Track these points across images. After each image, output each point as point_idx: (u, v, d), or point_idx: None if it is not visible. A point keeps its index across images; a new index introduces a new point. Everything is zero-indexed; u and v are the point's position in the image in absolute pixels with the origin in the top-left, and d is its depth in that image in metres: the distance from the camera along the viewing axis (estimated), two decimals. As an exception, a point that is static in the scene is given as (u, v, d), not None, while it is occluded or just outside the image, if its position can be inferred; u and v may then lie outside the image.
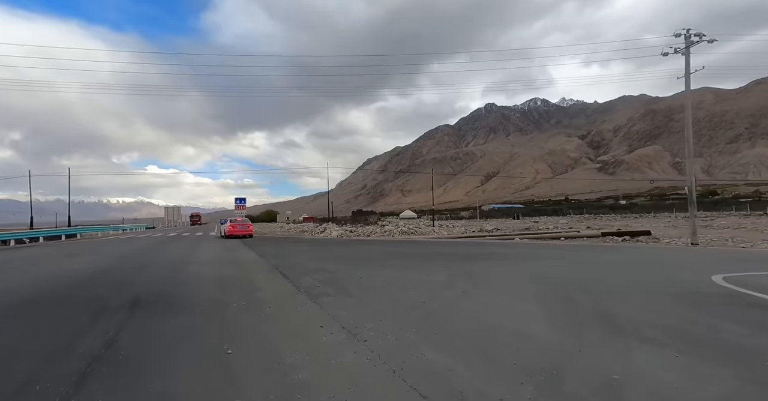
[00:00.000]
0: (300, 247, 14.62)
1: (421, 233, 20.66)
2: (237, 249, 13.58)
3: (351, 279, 6.55)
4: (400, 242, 17.04)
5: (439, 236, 19.46)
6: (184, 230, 37.65)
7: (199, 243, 17.11)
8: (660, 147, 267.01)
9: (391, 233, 20.88)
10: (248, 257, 10.84)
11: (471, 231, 22.35)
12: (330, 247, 14.35)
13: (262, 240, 18.99)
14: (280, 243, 17.08)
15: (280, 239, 20.87)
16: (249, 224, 21.58)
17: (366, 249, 13.03)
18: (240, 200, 30.34)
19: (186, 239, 21.00)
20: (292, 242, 18.08)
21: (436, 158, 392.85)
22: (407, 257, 10.45)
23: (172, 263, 9.57)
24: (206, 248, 14.67)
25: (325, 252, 12.28)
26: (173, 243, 17.46)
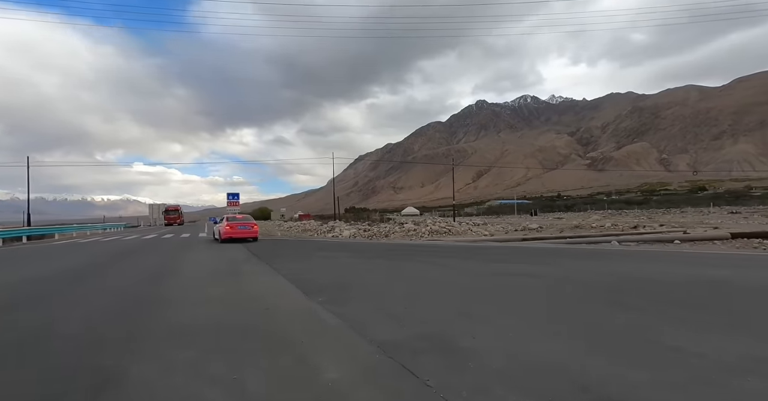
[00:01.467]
0: (341, 259, 8.88)
1: (456, 232, 16.91)
2: (246, 267, 7.79)
3: None
4: (451, 247, 11.35)
5: (486, 237, 15.41)
6: (168, 230, 32.35)
7: (184, 252, 11.41)
8: (647, 144, 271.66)
9: (417, 233, 16.64)
10: (279, 292, 5.13)
11: (514, 230, 18.77)
12: (396, 260, 8.58)
13: (271, 245, 13.52)
14: (302, 250, 11.28)
15: (291, 242, 15.15)
16: (252, 222, 15.78)
17: (452, 266, 7.40)
18: (232, 196, 28.31)
19: (166, 243, 15.67)
20: (313, 247, 12.39)
21: (428, 155, 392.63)
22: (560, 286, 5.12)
23: (115, 314, 4.11)
24: (194, 262, 8.95)
25: (404, 271, 6.90)
26: (146, 251, 12.00)
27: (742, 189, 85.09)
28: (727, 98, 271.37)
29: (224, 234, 14.70)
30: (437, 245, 12.44)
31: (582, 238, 14.15)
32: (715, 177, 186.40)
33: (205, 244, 14.60)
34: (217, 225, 16.65)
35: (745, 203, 49.64)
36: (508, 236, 15.91)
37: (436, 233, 16.56)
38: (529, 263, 7.65)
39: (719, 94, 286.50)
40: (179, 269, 7.79)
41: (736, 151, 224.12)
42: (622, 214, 40.87)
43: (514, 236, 15.29)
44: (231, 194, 27.95)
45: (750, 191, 78.64)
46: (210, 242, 15.31)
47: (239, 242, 14.76)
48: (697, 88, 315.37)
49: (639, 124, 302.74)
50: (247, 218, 16.51)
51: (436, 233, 16.47)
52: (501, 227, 20.67)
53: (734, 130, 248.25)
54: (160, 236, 20.69)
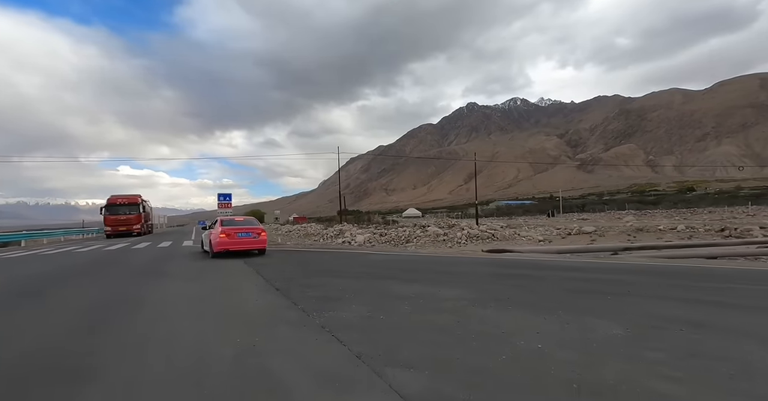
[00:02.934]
0: (444, 302, 4.45)
1: (501, 237, 13.87)
2: (278, 346, 3.09)
3: None
4: (560, 266, 7.38)
5: (558, 245, 12.19)
6: (147, 236, 25.08)
7: (148, 281, 6.80)
8: (634, 145, 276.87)
9: (451, 239, 13.41)
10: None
11: (567, 233, 15.83)
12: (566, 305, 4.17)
13: (289, 262, 9.27)
14: (347, 276, 6.91)
15: (313, 256, 10.66)
16: (258, 227, 10.90)
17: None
18: (224, 197, 26.20)
19: (133, 257, 11.11)
20: (355, 265, 8.33)
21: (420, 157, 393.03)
22: None
23: None
24: (154, 316, 4.23)
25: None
26: (88, 276, 7.66)
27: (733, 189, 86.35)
28: (710, 101, 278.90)
29: (218, 245, 9.88)
30: (524, 261, 8.16)
31: (703, 247, 10.33)
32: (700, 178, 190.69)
33: (189, 261, 9.87)
34: (207, 232, 11.63)
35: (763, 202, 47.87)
36: (598, 244, 11.76)
37: (475, 238, 13.51)
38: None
39: (702, 97, 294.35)
40: (106, 356, 2.98)
41: (719, 152, 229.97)
42: (652, 215, 36.18)
43: (608, 245, 10.93)
44: (222, 195, 25.84)
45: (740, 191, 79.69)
46: (196, 257, 10.67)
47: (239, 255, 10.16)
48: (681, 92, 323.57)
49: (626, 126, 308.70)
50: (250, 221, 11.34)
51: (474, 239, 13.46)
52: (543, 229, 17.25)
53: (717, 132, 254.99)
54: (131, 246, 15.61)
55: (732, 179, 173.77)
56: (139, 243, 17.91)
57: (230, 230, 10.14)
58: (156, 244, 17.25)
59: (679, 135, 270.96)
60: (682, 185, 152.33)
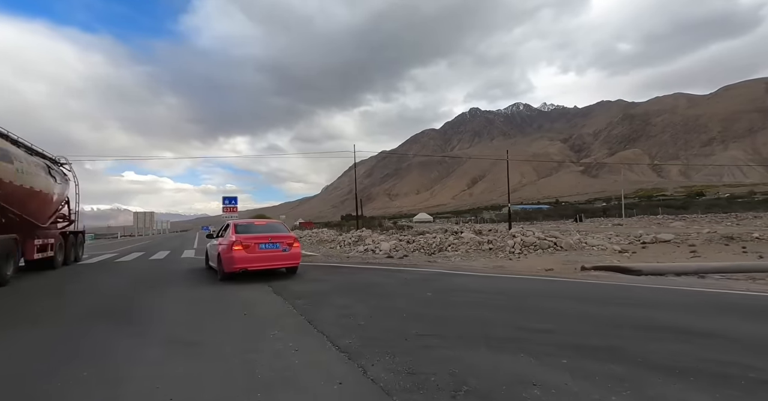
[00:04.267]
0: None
1: (566, 246, 11.34)
2: None
3: None
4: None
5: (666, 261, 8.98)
6: (145, 243, 23.77)
7: (105, 337, 3.66)
8: (639, 150, 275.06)
9: (501, 247, 11.42)
10: None
11: (640, 241, 13.32)
12: None
13: (342, 290, 5.96)
14: (463, 323, 3.95)
15: (356, 274, 7.90)
16: (288, 235, 7.66)
17: None
18: (229, 200, 25.23)
19: (111, 275, 8.68)
20: (416, 291, 5.84)
21: (423, 162, 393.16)
22: None
23: None
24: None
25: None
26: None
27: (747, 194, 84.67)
28: (715, 106, 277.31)
29: (231, 262, 6.81)
30: (696, 296, 5.21)
31: None
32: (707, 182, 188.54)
33: (186, 287, 6.67)
34: (214, 241, 8.25)
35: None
36: (703, 257, 9.24)
37: (532, 247, 11.25)
38: None
39: (707, 101, 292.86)
40: None
41: (726, 157, 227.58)
42: (693, 219, 32.54)
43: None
44: (227, 198, 24.83)
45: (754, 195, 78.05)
46: (197, 278, 7.63)
47: (261, 276, 7.31)
48: (685, 96, 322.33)
49: (630, 131, 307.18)
50: (274, 226, 8.14)
51: (532, 248, 11.19)
52: (602, 236, 14.61)
53: (724, 136, 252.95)
54: (116, 258, 12.88)
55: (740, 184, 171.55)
56: (129, 254, 14.99)
57: (249, 240, 6.78)
58: (149, 254, 14.34)
59: (685, 140, 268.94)
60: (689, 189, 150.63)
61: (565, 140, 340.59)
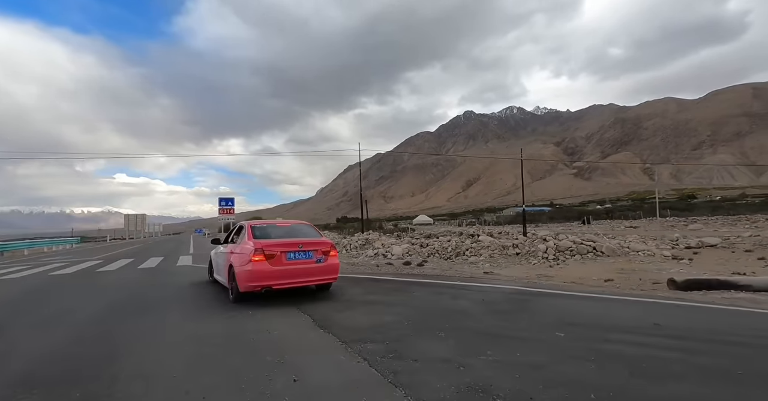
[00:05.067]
0: None
1: (609, 251, 10.17)
2: None
3: None
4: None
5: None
6: (130, 250, 20.17)
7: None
8: (631, 153, 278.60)
9: (530, 252, 10.36)
10: None
11: (683, 246, 12.20)
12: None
13: (384, 303, 5.02)
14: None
15: (410, 291, 5.83)
16: (322, 240, 5.55)
17: None
18: (225, 202, 25.00)
19: (86, 295, 6.34)
20: (506, 319, 4.05)
21: (418, 165, 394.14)
22: None
23: None
24: None
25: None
26: None
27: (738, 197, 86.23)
28: (704, 110, 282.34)
29: (251, 277, 4.98)
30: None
31: None
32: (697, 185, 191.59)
33: (186, 320, 4.42)
34: (222, 249, 6.54)
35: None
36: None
37: (567, 252, 10.09)
38: None
39: (696, 106, 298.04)
40: None
41: (715, 161, 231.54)
42: (706, 222, 30.89)
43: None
44: (224, 200, 24.63)
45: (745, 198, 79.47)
46: (202, 298, 5.79)
47: (287, 295, 5.57)
48: (675, 101, 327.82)
49: (622, 134, 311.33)
50: (302, 230, 6.07)
51: (568, 254, 10.01)
52: (635, 236, 13.46)
53: (713, 140, 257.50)
54: (99, 267, 10.82)
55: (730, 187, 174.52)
56: (116, 261, 12.70)
57: (274, 247, 4.97)
58: (139, 261, 12.10)
59: (675, 143, 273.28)
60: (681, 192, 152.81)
61: (558, 143, 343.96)
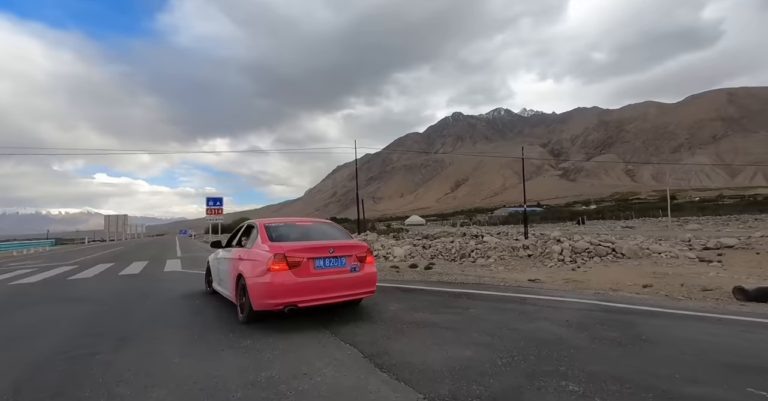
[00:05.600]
0: None
1: (630, 253, 9.64)
2: None
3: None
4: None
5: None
6: (117, 250, 20.75)
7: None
8: (614, 155, 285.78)
9: (543, 254, 9.83)
10: None
11: (700, 246, 11.21)
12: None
13: (435, 326, 3.71)
14: None
15: (468, 308, 4.49)
16: (355, 243, 4.21)
17: None
18: (213, 201, 23.81)
19: (46, 316, 4.68)
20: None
21: (407, 165, 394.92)
22: None
23: None
24: None
25: None
26: None
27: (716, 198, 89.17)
28: (682, 114, 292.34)
29: (270, 292, 3.60)
30: None
31: None
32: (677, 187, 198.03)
33: (184, 354, 3.05)
34: (224, 254, 5.11)
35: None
36: None
37: (584, 253, 9.85)
38: None
39: (675, 110, 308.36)
40: None
41: (693, 163, 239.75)
42: (698, 220, 31.16)
43: None
44: (212, 199, 23.43)
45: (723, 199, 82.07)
46: (203, 325, 4.00)
47: (312, 313, 4.26)
48: (655, 104, 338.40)
49: (605, 136, 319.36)
50: (324, 228, 4.72)
51: (586, 256, 9.80)
52: (641, 237, 12.73)
53: (690, 143, 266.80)
54: (72, 274, 9.25)
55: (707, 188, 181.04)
56: (93, 265, 11.22)
57: (299, 252, 3.79)
58: (121, 266, 10.58)
59: (655, 146, 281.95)
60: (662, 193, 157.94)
61: (545, 144, 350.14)
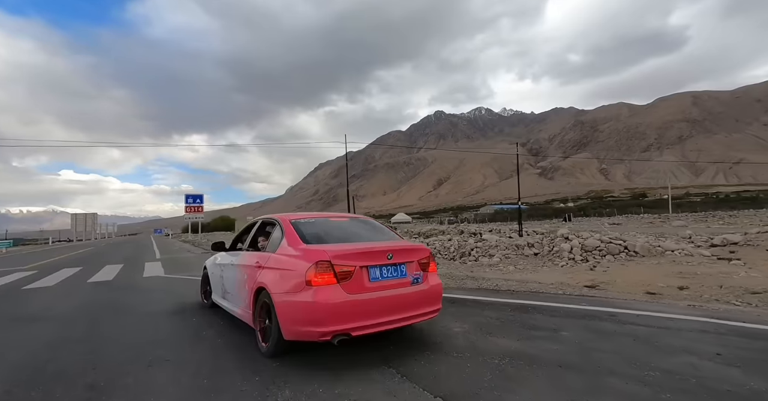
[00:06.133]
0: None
1: (644, 251, 9.19)
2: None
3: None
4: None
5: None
6: (85, 251, 18.68)
7: None
8: (589, 154, 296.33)
9: (551, 253, 9.49)
10: None
11: (707, 243, 10.64)
12: None
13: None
14: None
15: (531, 324, 3.78)
16: (414, 246, 3.07)
17: None
18: (193, 199, 22.24)
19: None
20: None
21: (389, 164, 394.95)
22: None
23: None
24: None
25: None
26: None
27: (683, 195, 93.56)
28: (652, 115, 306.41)
29: (318, 316, 2.53)
30: None
31: None
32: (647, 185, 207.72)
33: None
34: (231, 260, 3.85)
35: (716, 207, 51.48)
36: None
37: (595, 252, 9.60)
38: None
39: (645, 111, 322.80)
40: None
41: (662, 162, 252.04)
42: (678, 217, 30.92)
43: None
44: (191, 197, 21.89)
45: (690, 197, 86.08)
46: (209, 360, 2.86)
47: (362, 342, 3.06)
48: (627, 105, 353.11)
49: (581, 136, 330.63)
50: (366, 227, 3.54)
51: (597, 253, 9.60)
52: (653, 236, 11.28)
53: (659, 143, 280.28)
54: (28, 284, 7.58)
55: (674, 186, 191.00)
56: (56, 270, 9.54)
57: (349, 258, 2.70)
58: (90, 271, 8.96)
59: (627, 145, 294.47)
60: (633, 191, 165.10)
61: (524, 144, 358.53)
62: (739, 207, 49.34)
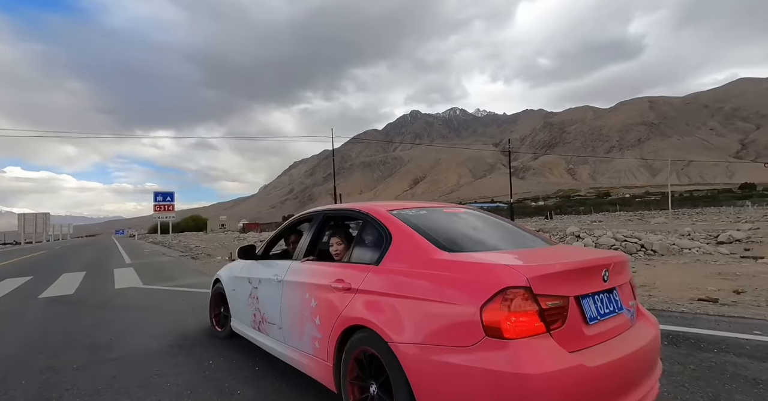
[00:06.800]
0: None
1: (662, 250, 8.44)
2: None
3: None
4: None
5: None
6: (36, 256, 15.16)
7: None
8: (557, 155, 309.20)
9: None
10: None
11: (714, 240, 9.98)
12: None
13: None
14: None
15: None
16: (612, 254, 1.61)
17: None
18: (163, 196, 20.11)
19: None
20: None
21: (365, 162, 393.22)
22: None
23: None
24: None
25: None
26: None
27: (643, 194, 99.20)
28: (613, 118, 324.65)
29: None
30: None
31: None
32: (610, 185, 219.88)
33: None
34: (259, 272, 2.49)
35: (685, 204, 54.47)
36: None
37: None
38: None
39: (608, 114, 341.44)
40: None
41: (623, 163, 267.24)
42: (652, 214, 32.49)
43: None
44: (161, 194, 19.83)
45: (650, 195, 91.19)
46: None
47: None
48: (591, 108, 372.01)
49: (550, 137, 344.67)
50: (491, 223, 2.07)
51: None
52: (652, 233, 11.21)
53: (621, 145, 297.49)
54: None
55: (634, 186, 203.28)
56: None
57: (556, 281, 1.32)
58: (43, 283, 6.84)
59: (592, 147, 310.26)
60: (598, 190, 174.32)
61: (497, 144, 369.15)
62: (700, 205, 52.62)
